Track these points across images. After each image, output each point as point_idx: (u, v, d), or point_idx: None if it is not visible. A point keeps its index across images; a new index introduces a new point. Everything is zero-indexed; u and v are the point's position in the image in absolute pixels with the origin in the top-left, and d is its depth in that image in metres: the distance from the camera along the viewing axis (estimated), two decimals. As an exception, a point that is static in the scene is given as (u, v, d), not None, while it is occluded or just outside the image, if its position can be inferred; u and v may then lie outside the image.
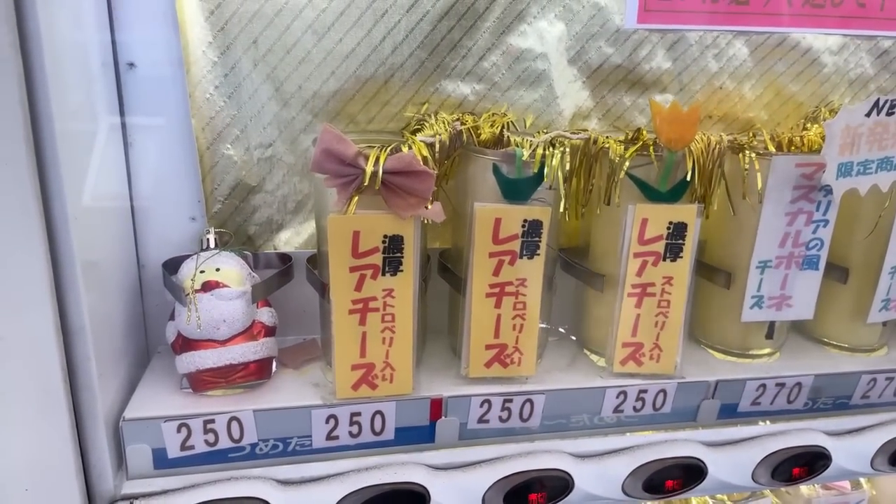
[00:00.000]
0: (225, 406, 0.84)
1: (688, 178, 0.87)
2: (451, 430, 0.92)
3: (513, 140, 0.90)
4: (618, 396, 0.96)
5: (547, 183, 0.84)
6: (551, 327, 1.06)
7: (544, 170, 0.83)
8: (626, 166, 0.87)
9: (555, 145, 0.85)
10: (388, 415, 0.88)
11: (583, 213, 0.97)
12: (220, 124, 0.93)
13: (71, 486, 0.75)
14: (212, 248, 0.91)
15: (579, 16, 0.99)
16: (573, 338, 1.09)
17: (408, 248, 0.80)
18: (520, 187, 0.85)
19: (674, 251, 0.90)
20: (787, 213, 0.94)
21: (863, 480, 1.49)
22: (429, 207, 0.79)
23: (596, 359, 1.03)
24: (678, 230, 0.89)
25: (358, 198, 0.77)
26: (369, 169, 0.74)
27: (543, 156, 0.83)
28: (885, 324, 1.09)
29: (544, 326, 0.98)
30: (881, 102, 0.87)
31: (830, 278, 1.03)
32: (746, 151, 0.92)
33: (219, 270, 0.86)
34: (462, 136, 0.89)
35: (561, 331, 1.11)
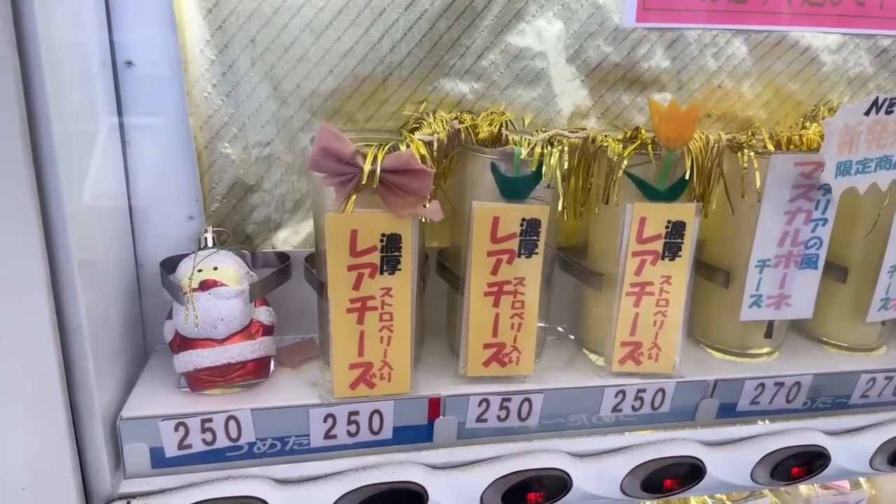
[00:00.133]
0: (223, 405, 0.84)
1: (686, 176, 0.87)
2: (450, 430, 0.92)
3: (511, 139, 0.90)
4: (616, 396, 0.96)
5: (545, 182, 0.84)
6: (550, 326, 1.06)
7: (542, 168, 0.83)
8: (624, 165, 0.87)
9: (553, 144, 0.85)
10: (386, 414, 0.88)
11: (581, 211, 0.96)
12: (218, 123, 0.93)
13: (68, 484, 0.75)
14: (210, 246, 0.91)
15: (578, 14, 0.99)
16: (572, 337, 1.09)
17: (406, 247, 0.80)
18: (518, 186, 0.85)
19: (672, 250, 0.90)
20: (786, 211, 0.94)
21: (862, 480, 1.49)
22: (427, 206, 0.79)
23: (594, 358, 1.03)
24: (677, 229, 0.89)
25: (356, 196, 0.76)
26: (367, 167, 0.74)
27: (542, 154, 0.83)
28: (884, 323, 1.09)
29: (543, 325, 0.98)
30: (880, 101, 0.87)
31: (829, 277, 1.03)
32: (745, 150, 0.92)
33: (217, 269, 0.86)
34: (460, 135, 0.89)
35: (559, 330, 1.11)
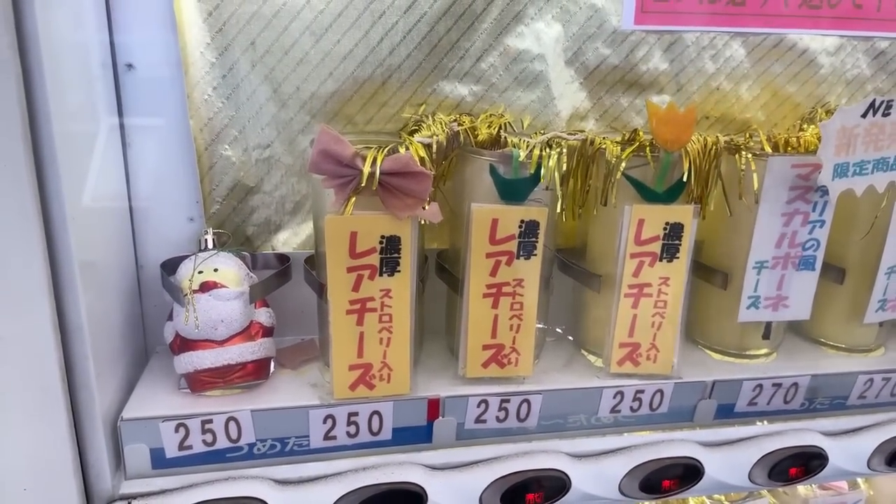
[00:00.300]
0: (223, 406, 0.85)
1: (684, 178, 0.88)
2: (449, 430, 0.92)
3: (510, 141, 0.90)
4: (615, 396, 0.96)
5: (544, 184, 0.85)
6: (548, 328, 1.07)
7: (541, 170, 0.84)
8: (622, 167, 0.87)
9: (552, 146, 0.85)
10: (386, 415, 0.88)
11: (580, 213, 0.97)
12: (219, 125, 0.94)
13: (69, 485, 0.75)
14: (210, 248, 0.92)
15: (576, 17, 1.00)
16: (570, 338, 1.10)
17: (405, 249, 0.80)
18: (517, 188, 0.85)
19: (670, 252, 0.91)
20: (784, 213, 0.94)
21: (860, 480, 1.49)
22: (426, 208, 0.79)
23: (593, 359, 1.03)
24: (674, 231, 0.90)
25: (355, 198, 0.77)
26: (366, 170, 0.75)
27: (540, 157, 0.83)
28: (881, 324, 1.10)
29: (541, 327, 0.98)
30: (877, 103, 0.88)
31: (827, 279, 1.04)
32: (743, 152, 0.93)
33: (217, 271, 0.87)
34: (459, 137, 0.90)
35: (558, 331, 1.11)
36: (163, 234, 0.97)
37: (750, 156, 0.92)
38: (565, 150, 0.86)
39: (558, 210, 0.88)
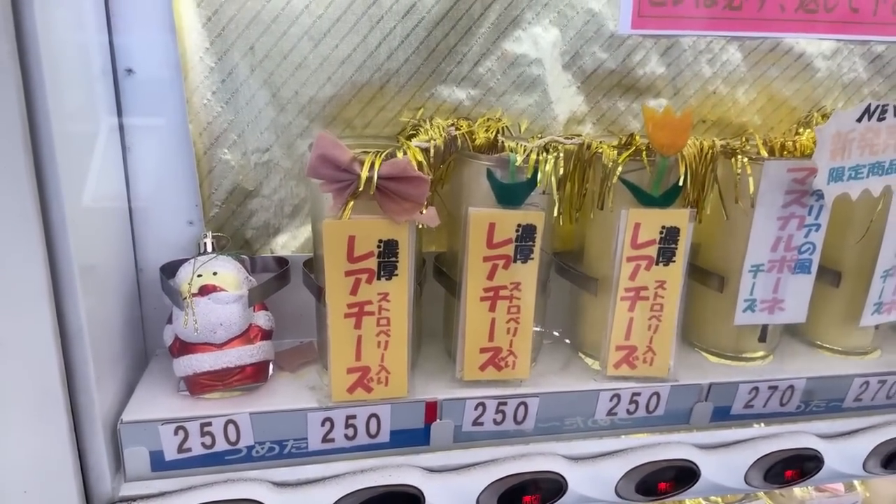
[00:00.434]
0: (222, 409, 0.85)
1: (680, 182, 0.88)
2: (446, 433, 0.92)
3: (507, 145, 0.90)
4: (611, 399, 0.96)
5: (541, 188, 0.85)
6: (545, 331, 1.07)
7: (538, 175, 0.84)
8: (619, 171, 0.88)
9: (548, 150, 0.86)
10: (384, 417, 0.89)
11: (576, 217, 0.97)
12: (218, 129, 0.94)
13: (69, 488, 0.75)
14: (209, 251, 0.92)
15: (574, 21, 1.00)
16: (567, 341, 1.10)
17: (402, 253, 0.81)
18: (514, 192, 0.86)
19: (666, 255, 0.91)
20: (780, 217, 0.95)
21: (856, 482, 1.50)
22: (423, 212, 0.79)
23: (590, 362, 1.03)
24: (671, 234, 0.90)
25: (353, 203, 0.77)
26: (364, 174, 0.75)
27: (537, 161, 0.84)
28: (877, 327, 1.10)
29: (538, 330, 0.99)
30: (872, 108, 0.88)
31: (823, 282, 1.04)
32: (739, 156, 0.93)
33: (216, 274, 0.87)
34: (457, 141, 0.90)
35: (555, 334, 1.12)
36: (162, 237, 0.97)
37: (746, 160, 0.93)
38: (562, 155, 0.86)
39: (555, 214, 0.89)
